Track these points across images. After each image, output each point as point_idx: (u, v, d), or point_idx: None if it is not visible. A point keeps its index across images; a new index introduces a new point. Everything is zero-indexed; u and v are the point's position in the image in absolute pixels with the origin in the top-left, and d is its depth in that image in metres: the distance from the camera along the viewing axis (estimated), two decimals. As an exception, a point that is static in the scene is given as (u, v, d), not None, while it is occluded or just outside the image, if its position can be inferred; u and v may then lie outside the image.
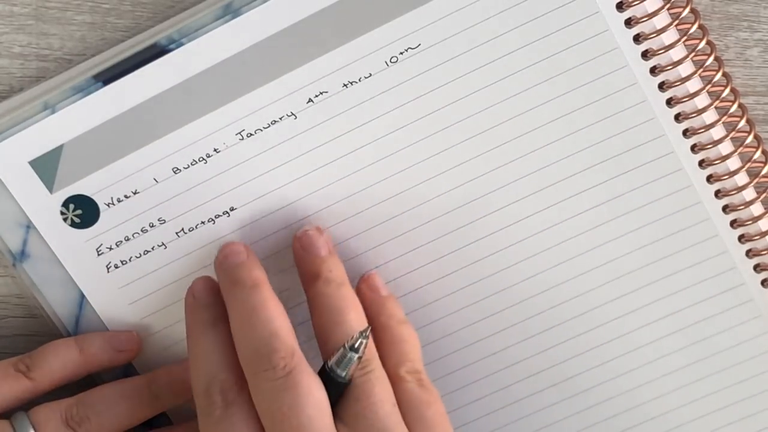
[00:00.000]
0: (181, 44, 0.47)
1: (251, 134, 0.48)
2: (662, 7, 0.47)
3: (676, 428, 0.53)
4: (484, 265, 0.51)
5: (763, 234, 0.50)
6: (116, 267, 0.50)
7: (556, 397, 0.53)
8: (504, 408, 0.53)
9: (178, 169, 0.49)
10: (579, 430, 0.53)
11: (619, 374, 0.52)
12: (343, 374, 0.43)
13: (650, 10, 0.47)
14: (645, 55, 0.48)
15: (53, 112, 0.48)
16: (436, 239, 0.50)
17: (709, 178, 0.49)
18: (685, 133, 0.49)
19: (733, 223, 0.50)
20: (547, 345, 0.52)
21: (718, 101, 0.49)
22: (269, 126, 0.48)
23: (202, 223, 0.50)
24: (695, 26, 0.48)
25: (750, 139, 0.49)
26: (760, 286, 0.51)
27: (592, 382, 0.52)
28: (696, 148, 0.49)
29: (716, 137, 0.49)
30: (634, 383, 0.52)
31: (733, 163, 0.49)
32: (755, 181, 0.50)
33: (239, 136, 0.48)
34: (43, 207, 0.49)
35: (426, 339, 0.51)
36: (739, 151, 0.49)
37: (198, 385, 0.45)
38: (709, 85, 0.48)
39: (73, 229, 0.49)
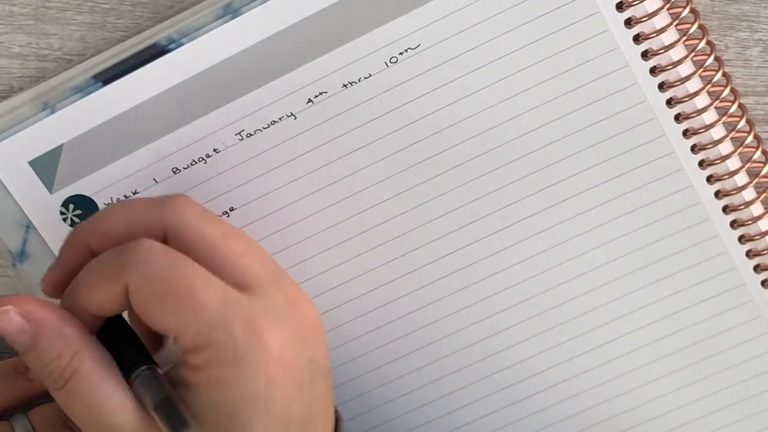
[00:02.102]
0: (181, 44, 0.47)
1: (251, 134, 0.48)
2: (662, 7, 0.47)
3: (676, 429, 0.53)
4: (482, 266, 0.51)
5: (763, 234, 0.50)
6: (116, 267, 0.50)
7: (556, 397, 0.53)
8: (503, 409, 0.53)
9: (178, 169, 0.49)
10: (579, 430, 0.53)
11: (619, 375, 0.52)
12: None
13: (650, 10, 0.47)
14: (645, 55, 0.48)
15: (53, 112, 0.48)
16: (436, 239, 0.50)
17: (709, 179, 0.49)
18: (685, 133, 0.49)
19: (733, 224, 0.50)
20: (547, 345, 0.52)
21: (718, 101, 0.49)
22: (269, 126, 0.48)
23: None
24: (695, 26, 0.48)
25: (750, 139, 0.49)
26: (760, 286, 0.51)
27: (591, 383, 0.52)
28: (696, 149, 0.49)
29: (716, 137, 0.49)
30: (634, 384, 0.52)
31: (733, 163, 0.49)
32: (755, 181, 0.50)
33: (239, 136, 0.48)
34: (43, 207, 0.49)
35: (425, 340, 0.51)
36: (739, 151, 0.49)
37: None
38: (709, 85, 0.48)
39: (73, 229, 0.49)
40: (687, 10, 0.47)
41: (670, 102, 0.48)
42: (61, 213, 0.49)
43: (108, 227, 0.42)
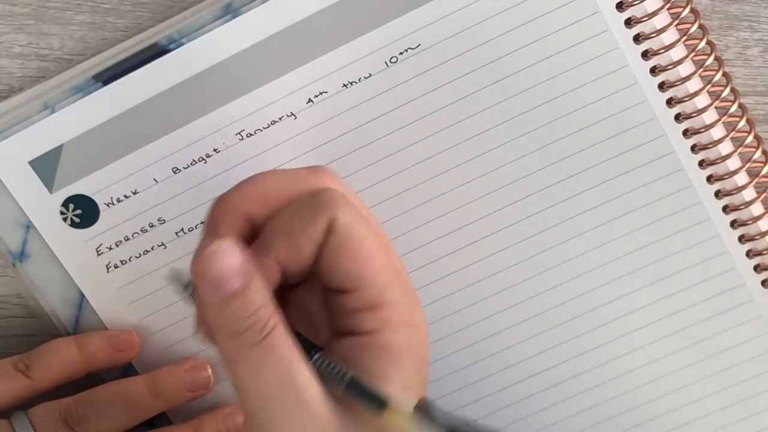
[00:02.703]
0: (181, 44, 0.47)
1: (251, 134, 0.49)
2: (662, 7, 0.47)
3: (677, 428, 0.53)
4: (481, 265, 0.51)
5: (763, 234, 0.50)
6: (116, 267, 0.50)
7: (556, 397, 0.53)
8: (504, 408, 0.53)
9: (178, 169, 0.49)
10: (579, 430, 0.53)
11: (620, 374, 0.52)
12: None
13: (650, 10, 0.47)
14: (645, 55, 0.48)
15: (53, 112, 0.48)
16: (437, 238, 0.50)
17: (709, 179, 0.49)
18: (685, 133, 0.49)
19: (733, 224, 0.50)
20: (548, 345, 0.52)
21: (718, 101, 0.49)
22: (269, 126, 0.48)
23: (202, 223, 0.49)
24: (695, 26, 0.48)
25: (750, 139, 0.49)
26: (760, 286, 0.51)
27: (592, 383, 0.52)
28: (696, 148, 0.49)
29: (716, 137, 0.49)
30: (635, 383, 0.52)
31: (733, 163, 0.49)
32: (755, 181, 0.50)
33: (239, 136, 0.48)
34: (43, 207, 0.49)
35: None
36: (739, 151, 0.49)
37: None
38: (709, 85, 0.48)
39: (73, 229, 0.49)
40: (687, 10, 0.47)
41: (670, 102, 0.48)
42: (61, 213, 0.49)
43: (272, 193, 0.39)
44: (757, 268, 0.51)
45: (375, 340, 0.38)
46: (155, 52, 0.47)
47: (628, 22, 0.47)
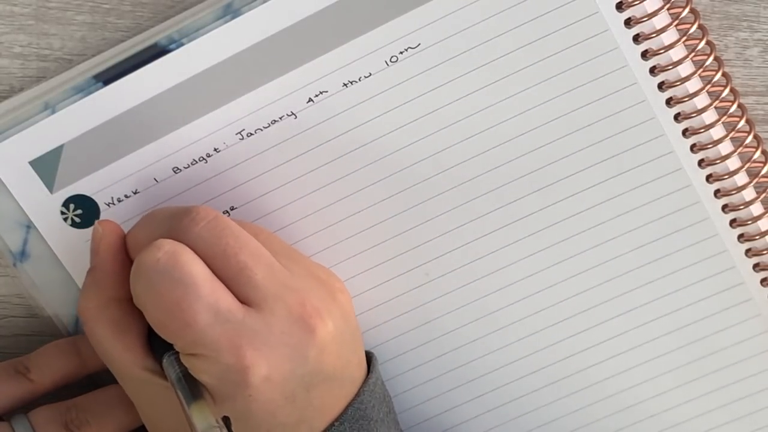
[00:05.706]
0: (181, 44, 0.47)
1: (251, 134, 0.49)
2: (662, 7, 0.47)
3: (675, 426, 0.53)
4: (481, 264, 0.51)
5: (762, 234, 0.50)
6: (116, 267, 0.50)
7: (553, 395, 0.53)
8: (501, 407, 0.53)
9: (178, 168, 0.49)
10: (578, 427, 0.53)
11: (618, 372, 0.52)
12: None
13: (650, 10, 0.47)
14: (645, 55, 0.48)
15: (53, 112, 0.48)
16: (437, 237, 0.50)
17: (709, 178, 0.50)
18: (685, 132, 0.49)
19: (733, 223, 0.50)
20: (546, 343, 0.52)
21: (717, 101, 0.49)
22: (269, 126, 0.48)
23: (202, 222, 0.49)
24: (695, 26, 0.48)
25: (750, 139, 0.49)
26: (759, 285, 0.51)
27: (589, 380, 0.52)
28: (695, 148, 0.49)
29: (716, 137, 0.49)
30: (633, 381, 0.53)
31: (733, 162, 0.49)
32: (755, 181, 0.50)
33: (239, 136, 0.48)
34: (44, 207, 0.49)
35: (424, 337, 0.52)
36: (738, 151, 0.49)
37: None
38: (709, 85, 0.48)
39: (74, 229, 0.49)
40: (687, 10, 0.47)
41: (669, 102, 0.48)
42: (62, 213, 0.49)
43: (133, 242, 0.46)
44: (756, 267, 0.51)
45: (196, 374, 0.44)
46: (155, 52, 0.47)
47: (628, 22, 0.47)
